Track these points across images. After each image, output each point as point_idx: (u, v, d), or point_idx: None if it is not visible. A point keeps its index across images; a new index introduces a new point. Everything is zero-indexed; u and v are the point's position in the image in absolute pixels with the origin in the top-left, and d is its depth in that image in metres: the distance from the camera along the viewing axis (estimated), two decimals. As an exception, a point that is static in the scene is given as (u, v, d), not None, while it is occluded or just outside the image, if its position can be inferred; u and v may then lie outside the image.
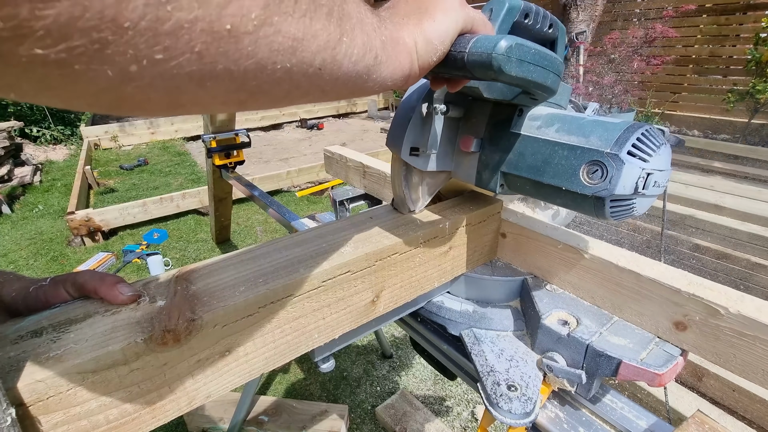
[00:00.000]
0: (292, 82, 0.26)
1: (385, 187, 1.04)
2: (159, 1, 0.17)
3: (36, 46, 0.16)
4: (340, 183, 3.65)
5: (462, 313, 0.66)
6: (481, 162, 0.57)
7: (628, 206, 0.44)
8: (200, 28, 0.19)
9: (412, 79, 0.38)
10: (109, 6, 0.16)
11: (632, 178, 0.42)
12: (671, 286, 0.49)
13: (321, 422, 1.63)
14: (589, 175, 0.44)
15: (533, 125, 0.50)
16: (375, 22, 0.33)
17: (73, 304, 0.41)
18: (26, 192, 4.31)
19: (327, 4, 0.26)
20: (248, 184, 1.95)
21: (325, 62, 0.27)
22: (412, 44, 0.37)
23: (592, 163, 0.44)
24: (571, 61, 5.02)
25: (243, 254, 0.50)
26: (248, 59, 0.22)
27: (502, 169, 0.53)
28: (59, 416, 0.32)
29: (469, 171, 0.59)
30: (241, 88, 0.24)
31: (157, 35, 0.18)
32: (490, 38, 0.38)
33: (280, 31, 0.23)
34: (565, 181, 0.46)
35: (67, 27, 0.16)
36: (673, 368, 0.48)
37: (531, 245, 0.64)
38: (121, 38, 0.17)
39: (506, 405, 0.51)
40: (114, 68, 0.18)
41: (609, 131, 0.44)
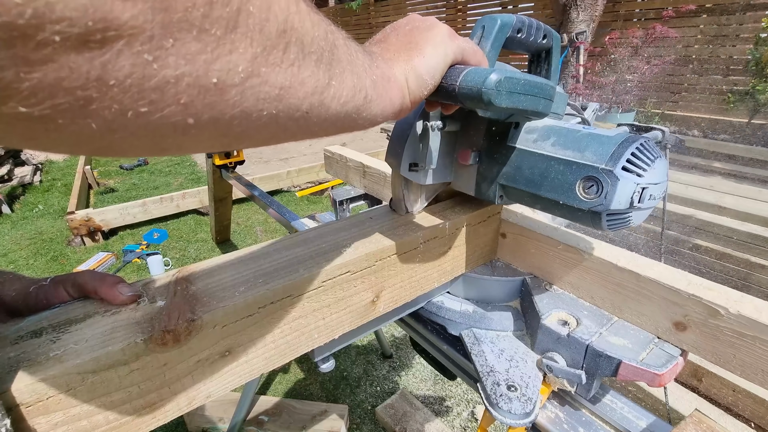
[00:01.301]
0: (279, 126, 0.26)
1: (385, 187, 1.04)
2: (145, 60, 0.17)
3: (20, 104, 0.15)
4: (340, 183, 3.65)
5: (462, 313, 0.66)
6: (480, 174, 0.57)
7: (625, 219, 0.45)
8: (186, 82, 0.19)
9: (403, 112, 0.39)
10: (96, 68, 0.16)
11: (627, 193, 0.42)
12: (671, 287, 0.49)
13: (321, 422, 1.63)
14: (585, 190, 0.44)
15: (529, 138, 0.51)
16: (366, 62, 0.33)
17: (73, 304, 0.41)
18: (26, 192, 4.31)
19: (316, 51, 0.26)
20: (248, 184, 1.95)
21: (313, 106, 0.27)
22: (404, 80, 0.38)
23: (587, 178, 0.44)
24: (571, 61, 5.02)
25: (243, 254, 0.50)
26: (234, 108, 0.22)
27: (500, 181, 0.54)
28: (59, 416, 0.33)
29: (469, 182, 0.60)
30: (225, 134, 0.24)
31: (143, 90, 0.18)
32: (480, 72, 0.39)
33: (267, 81, 0.23)
34: (561, 196, 0.46)
35: (52, 87, 0.16)
36: (672, 368, 0.48)
37: (531, 245, 0.64)
38: (106, 95, 0.17)
39: (506, 405, 0.51)
40: (98, 121, 0.18)
41: (604, 146, 0.44)
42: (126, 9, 0.16)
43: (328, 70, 0.28)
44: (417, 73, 0.38)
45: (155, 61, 0.18)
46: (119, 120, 0.18)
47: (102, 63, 0.16)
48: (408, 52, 0.39)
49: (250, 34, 0.21)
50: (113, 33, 0.16)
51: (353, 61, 0.31)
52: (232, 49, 0.21)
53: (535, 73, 0.64)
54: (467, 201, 0.68)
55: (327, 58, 0.27)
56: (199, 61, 0.19)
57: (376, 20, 8.95)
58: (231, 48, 0.20)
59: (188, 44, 0.19)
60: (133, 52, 0.17)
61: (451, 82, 0.40)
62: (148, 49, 0.17)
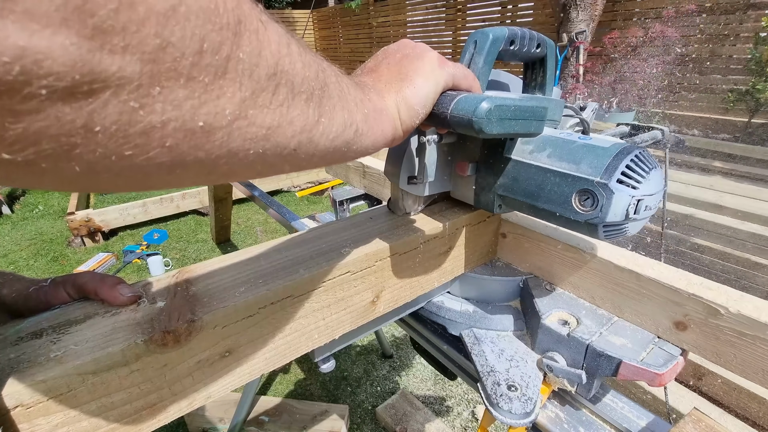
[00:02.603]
0: (265, 163, 0.26)
1: (385, 187, 1.04)
2: (132, 107, 0.17)
3: (3, 152, 0.15)
4: (340, 183, 3.65)
5: (462, 313, 0.66)
6: (478, 185, 0.58)
7: (621, 230, 0.45)
8: (172, 127, 0.19)
9: (396, 141, 0.40)
10: (81, 116, 0.16)
11: (622, 206, 0.43)
12: (671, 286, 0.49)
13: (321, 422, 1.63)
14: (581, 203, 0.45)
15: (526, 149, 0.51)
16: (358, 96, 0.33)
17: (73, 305, 0.41)
18: (26, 192, 4.31)
19: (306, 91, 0.26)
20: (248, 184, 1.95)
21: (301, 144, 0.27)
22: (395, 111, 0.38)
23: (583, 191, 0.44)
24: (570, 61, 5.01)
25: (243, 255, 0.50)
26: (220, 149, 0.22)
27: (498, 192, 0.54)
28: (59, 417, 0.32)
29: (467, 192, 0.60)
30: (211, 172, 0.23)
31: (128, 135, 0.18)
32: (470, 100, 0.39)
33: (254, 123, 0.23)
34: (558, 207, 0.47)
35: (37, 136, 0.16)
36: (673, 368, 0.48)
37: (531, 245, 0.64)
38: (91, 140, 0.17)
39: (506, 405, 0.51)
40: (81, 165, 0.18)
41: (599, 158, 0.44)
42: (114, 61, 0.16)
43: (318, 108, 0.28)
44: (408, 104, 0.39)
45: (141, 108, 0.18)
46: (103, 162, 0.18)
47: (88, 112, 0.16)
48: (399, 83, 0.39)
49: (239, 79, 0.21)
50: (100, 85, 0.16)
51: (344, 96, 0.31)
52: (220, 94, 0.20)
53: (531, 81, 0.64)
54: (467, 201, 0.68)
55: (317, 96, 0.27)
56: (186, 106, 0.19)
57: (376, 20, 8.94)
58: (219, 93, 0.20)
59: (175, 91, 0.18)
60: (119, 100, 0.17)
61: (443, 110, 0.41)
62: (134, 97, 0.17)
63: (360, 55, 9.87)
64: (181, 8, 0.17)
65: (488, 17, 6.76)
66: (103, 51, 0.15)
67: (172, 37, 0.17)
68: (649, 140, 1.05)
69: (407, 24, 8.22)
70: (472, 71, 0.52)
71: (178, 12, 0.17)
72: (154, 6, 0.16)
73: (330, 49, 11.04)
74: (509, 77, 0.67)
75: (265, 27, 0.23)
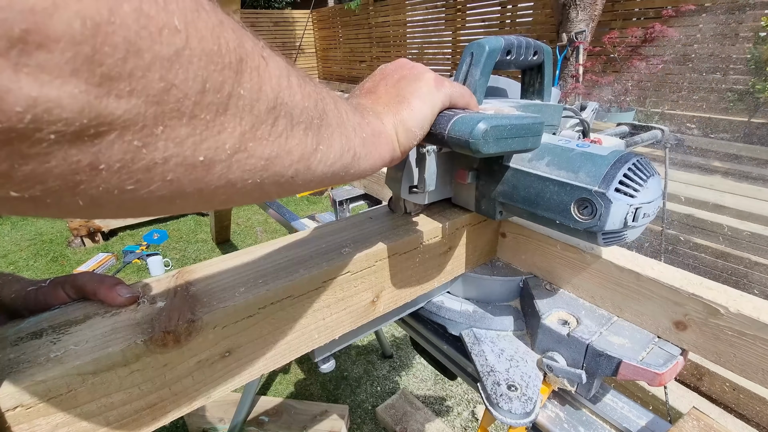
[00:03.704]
0: (263, 191, 0.27)
1: (384, 187, 1.04)
2: (135, 146, 0.18)
3: (11, 190, 0.16)
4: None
5: (462, 313, 0.66)
6: (479, 191, 0.58)
7: (620, 237, 0.45)
8: (174, 162, 0.20)
9: (394, 161, 0.40)
10: (87, 157, 0.17)
11: (620, 214, 0.43)
12: (671, 286, 0.49)
13: (321, 422, 1.63)
14: (580, 211, 0.45)
15: (525, 157, 0.51)
16: (356, 122, 0.34)
17: (72, 305, 0.41)
18: (26, 193, 4.31)
19: (305, 121, 0.27)
20: (248, 185, 1.95)
21: (299, 172, 0.28)
22: (393, 133, 0.39)
23: (581, 200, 0.44)
24: (570, 61, 5.01)
25: (243, 255, 0.50)
26: (219, 181, 0.23)
27: (498, 199, 0.54)
28: (59, 418, 0.32)
29: (468, 199, 0.61)
30: (210, 201, 0.24)
31: (131, 172, 0.18)
32: (467, 121, 0.40)
33: (253, 155, 0.23)
34: (558, 215, 0.47)
35: (44, 175, 0.16)
36: (673, 368, 0.48)
37: (531, 245, 0.64)
38: (96, 177, 0.18)
39: (506, 405, 0.51)
40: (84, 199, 0.18)
41: (597, 166, 0.44)
42: (120, 105, 0.16)
43: (316, 136, 0.28)
44: (406, 126, 0.39)
45: (145, 146, 0.18)
46: (106, 197, 0.19)
47: (93, 152, 0.17)
48: (397, 105, 0.40)
49: (239, 114, 0.22)
50: (106, 128, 0.17)
51: (343, 123, 0.32)
52: (221, 129, 0.21)
53: (529, 87, 0.64)
54: (467, 201, 0.68)
55: (316, 125, 0.28)
56: (188, 143, 0.20)
57: (376, 20, 8.94)
58: (220, 129, 0.21)
59: (178, 130, 0.19)
60: (124, 141, 0.17)
61: (440, 130, 0.41)
62: (139, 137, 0.18)
63: (359, 55, 9.87)
64: (185, 52, 0.18)
65: (488, 17, 6.75)
66: (110, 96, 0.16)
67: (176, 79, 0.18)
68: (649, 140, 1.05)
69: (407, 24, 8.22)
70: (469, 83, 0.52)
71: (182, 56, 0.18)
72: (160, 52, 0.17)
73: (330, 49, 11.05)
74: (507, 82, 0.67)
75: (267, 62, 0.24)
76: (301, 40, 8.04)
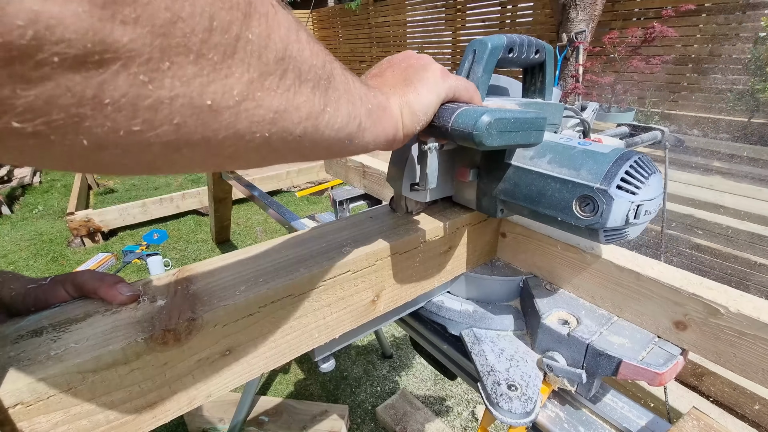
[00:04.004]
0: (270, 148, 0.26)
1: (384, 187, 1.04)
2: (141, 81, 0.18)
3: (14, 120, 0.16)
4: (340, 183, 3.65)
5: (462, 313, 0.66)
6: (480, 190, 0.58)
7: (621, 234, 0.45)
8: (180, 103, 0.19)
9: (396, 144, 0.40)
10: (91, 87, 0.16)
11: (622, 211, 0.43)
12: (671, 286, 0.49)
13: (321, 422, 1.63)
14: (581, 208, 0.45)
15: (526, 155, 0.51)
16: (362, 92, 0.34)
17: (73, 303, 0.41)
18: (26, 193, 4.31)
19: (313, 79, 0.27)
20: (248, 185, 1.95)
21: (307, 131, 0.28)
22: (398, 113, 0.39)
23: (583, 197, 0.44)
24: (570, 61, 5.02)
25: (243, 254, 0.50)
26: (227, 130, 0.22)
27: (499, 197, 0.54)
28: (59, 416, 0.32)
29: (469, 197, 0.60)
30: (217, 154, 0.24)
31: (137, 110, 0.18)
32: (471, 114, 0.40)
33: (261, 105, 0.23)
34: (559, 213, 0.47)
35: (48, 105, 0.16)
36: (673, 367, 0.48)
37: (531, 245, 0.64)
38: (100, 113, 0.17)
39: (506, 404, 0.51)
40: (90, 139, 0.18)
41: (599, 164, 0.44)
42: (125, 33, 0.16)
43: (324, 97, 0.28)
44: (411, 109, 0.40)
45: (151, 82, 0.18)
46: (111, 137, 0.18)
47: (98, 83, 0.16)
48: (404, 88, 0.40)
49: (247, 60, 0.22)
50: (111, 55, 0.16)
51: (350, 89, 0.32)
52: (229, 73, 0.21)
53: (530, 86, 0.64)
54: (467, 200, 0.68)
55: (323, 86, 0.28)
56: (195, 83, 0.20)
57: (376, 20, 8.94)
58: (227, 73, 0.21)
59: (185, 68, 0.19)
60: (129, 73, 0.17)
61: (443, 123, 0.42)
62: (144, 70, 0.17)
63: (359, 55, 9.87)
64: None
65: (488, 17, 6.76)
66: (114, 21, 0.16)
67: (183, 12, 0.18)
68: (649, 140, 1.05)
69: (407, 24, 8.23)
70: (472, 80, 0.52)
71: None
72: None
73: (330, 49, 10.95)
74: (509, 81, 0.67)
75: (276, 11, 0.23)
76: (301, 40, 8.05)
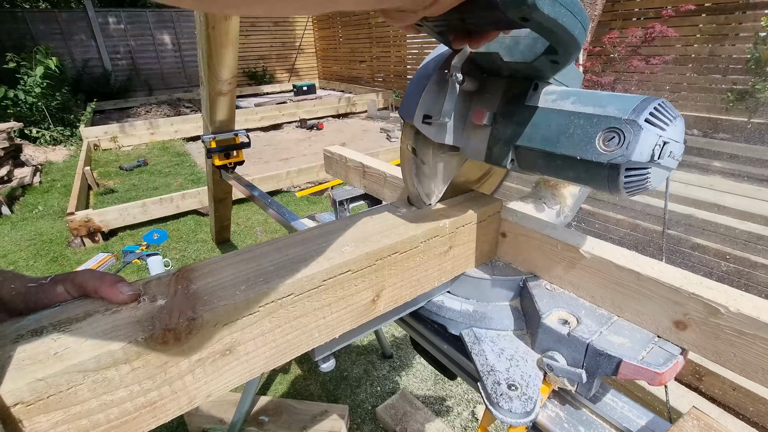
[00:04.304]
0: None
1: (384, 187, 1.04)
2: None
3: None
4: (340, 183, 3.65)
5: (462, 313, 0.66)
6: (493, 136, 0.56)
7: (643, 176, 0.44)
8: None
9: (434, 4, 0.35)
10: None
11: (649, 144, 0.42)
12: (671, 285, 0.49)
13: (321, 422, 1.63)
14: (605, 143, 0.44)
15: (549, 99, 0.50)
16: None
17: (73, 303, 0.41)
18: (26, 193, 4.31)
19: None
20: (248, 185, 1.95)
21: None
22: None
23: (609, 130, 0.44)
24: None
25: (243, 253, 0.50)
26: None
27: (515, 142, 0.53)
28: (59, 415, 0.33)
29: (480, 146, 0.58)
30: None
31: None
32: None
33: None
34: (580, 150, 0.46)
35: None
36: (673, 367, 0.48)
37: (531, 245, 0.64)
38: None
39: (507, 404, 0.51)
40: None
41: (626, 102, 0.44)
42: None
43: None
44: None
45: None
46: None
47: None
48: None
49: None
50: None
51: None
52: None
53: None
54: (468, 201, 0.68)
55: None
56: None
57: (376, 20, 8.94)
58: None
59: None
60: None
61: None
62: None
63: (359, 55, 9.87)
64: None
65: (488, 17, 6.74)
66: None
67: None
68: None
69: (407, 24, 8.21)
70: None
71: None
72: None
73: (330, 49, 11.04)
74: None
75: None
76: (301, 40, 8.04)
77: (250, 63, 11.00)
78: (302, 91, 9.32)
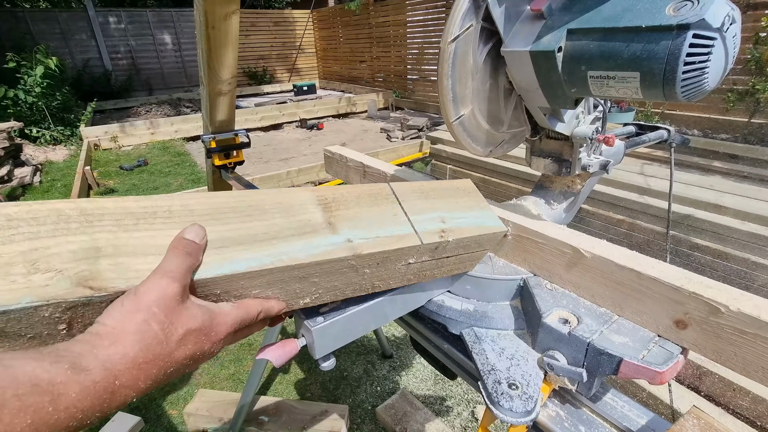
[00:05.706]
0: None
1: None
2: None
3: None
4: (340, 183, 3.64)
5: (462, 312, 0.66)
6: (546, 26, 0.57)
7: (706, 54, 0.44)
8: None
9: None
10: None
11: (722, 11, 0.43)
12: (672, 285, 0.49)
13: (321, 422, 1.63)
14: (676, 11, 0.45)
15: None
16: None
17: None
18: (26, 192, 4.31)
19: None
20: (248, 185, 1.95)
21: None
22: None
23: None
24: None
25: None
26: None
27: (570, 26, 0.53)
28: None
29: (528, 37, 0.58)
30: None
31: None
32: None
33: None
34: (647, 19, 0.46)
35: None
36: (673, 366, 0.48)
37: (531, 244, 0.64)
38: None
39: (507, 403, 0.51)
40: None
41: None
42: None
43: None
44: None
45: None
46: None
47: None
48: None
49: None
50: None
51: None
52: None
53: None
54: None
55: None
56: None
57: (376, 20, 8.94)
58: None
59: None
60: None
61: None
62: None
63: (359, 55, 9.87)
64: None
65: (488, 17, 6.74)
66: None
67: None
68: (656, 139, 1.05)
69: (407, 24, 8.22)
70: None
71: None
72: None
73: (330, 49, 11.04)
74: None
75: None
76: (301, 40, 8.05)
77: (250, 63, 11.00)
78: (302, 91, 9.33)
